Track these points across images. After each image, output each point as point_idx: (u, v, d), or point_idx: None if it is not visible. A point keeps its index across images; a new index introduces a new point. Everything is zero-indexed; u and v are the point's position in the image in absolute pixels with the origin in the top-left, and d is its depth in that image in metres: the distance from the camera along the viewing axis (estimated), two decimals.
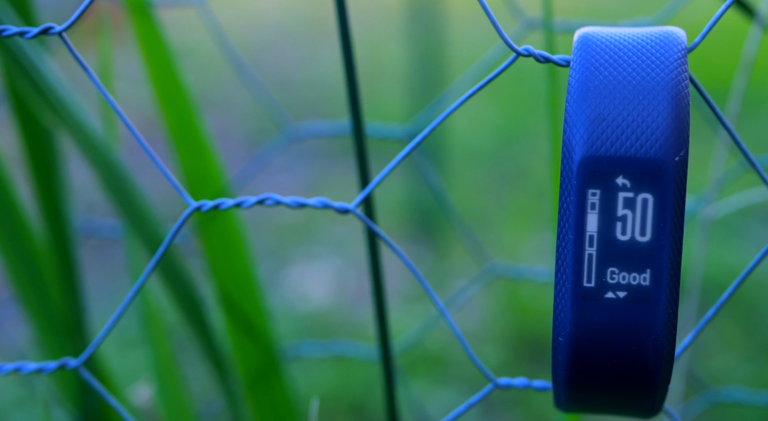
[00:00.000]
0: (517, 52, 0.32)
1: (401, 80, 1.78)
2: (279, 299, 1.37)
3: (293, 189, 1.64)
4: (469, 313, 1.31)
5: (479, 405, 1.13)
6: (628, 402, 0.31)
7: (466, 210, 1.56)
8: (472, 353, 0.34)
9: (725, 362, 1.19)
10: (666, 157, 0.29)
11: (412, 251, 1.45)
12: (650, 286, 0.30)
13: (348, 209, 0.33)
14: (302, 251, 1.49)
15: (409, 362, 1.20)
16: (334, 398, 1.15)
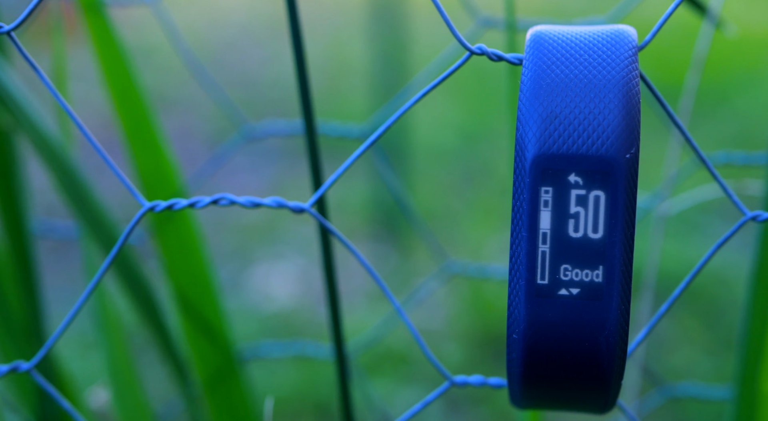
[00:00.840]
0: (470, 51, 0.32)
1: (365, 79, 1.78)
2: (243, 299, 1.36)
3: (257, 189, 1.64)
4: (433, 311, 1.31)
5: (444, 403, 1.14)
6: (583, 398, 0.31)
7: (430, 209, 1.56)
8: (429, 351, 0.34)
9: (686, 357, 1.20)
10: (617, 155, 0.30)
11: (377, 250, 1.45)
12: (603, 282, 0.30)
13: (303, 209, 0.33)
14: (266, 250, 1.48)
15: (374, 361, 1.20)
16: (300, 398, 1.15)
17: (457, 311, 1.31)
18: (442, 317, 1.31)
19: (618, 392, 0.31)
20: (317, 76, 2.14)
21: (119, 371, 0.43)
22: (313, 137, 0.37)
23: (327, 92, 2.04)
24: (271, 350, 0.58)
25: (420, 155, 1.68)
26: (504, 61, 0.32)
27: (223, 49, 2.31)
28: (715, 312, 1.29)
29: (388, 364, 1.21)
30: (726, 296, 1.31)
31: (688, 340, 1.24)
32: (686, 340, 1.24)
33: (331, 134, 0.50)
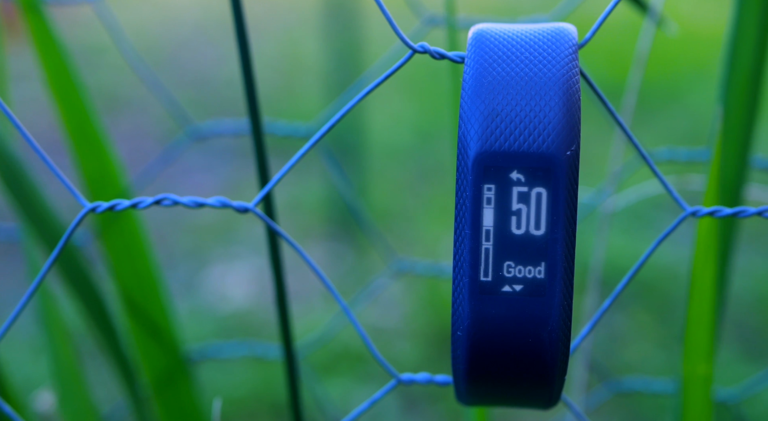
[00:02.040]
0: (412, 49, 0.32)
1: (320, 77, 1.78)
2: (199, 299, 1.35)
3: (212, 188, 1.63)
4: (389, 309, 1.32)
5: (401, 401, 1.14)
6: (527, 394, 0.32)
7: (386, 207, 1.56)
8: (375, 349, 0.34)
9: (640, 351, 1.21)
10: (558, 152, 0.30)
11: (333, 249, 1.45)
12: (545, 278, 0.30)
13: (247, 208, 0.33)
14: (222, 251, 1.47)
15: (331, 360, 1.20)
16: (256, 398, 1.14)
17: (414, 309, 1.32)
18: (398, 316, 1.31)
19: (562, 387, 0.31)
20: (272, 75, 2.13)
21: (65, 374, 0.42)
22: (260, 137, 0.37)
23: (282, 91, 2.03)
24: (223, 351, 0.57)
25: (375, 154, 1.68)
26: (446, 59, 0.32)
27: (177, 49, 2.29)
28: (668, 307, 1.30)
29: (345, 363, 1.21)
30: (679, 291, 1.33)
31: (642, 334, 1.25)
32: (640, 334, 1.25)
33: (278, 133, 0.50)
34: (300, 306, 1.30)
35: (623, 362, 1.19)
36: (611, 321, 1.28)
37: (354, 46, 1.51)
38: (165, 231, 1.51)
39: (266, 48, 2.30)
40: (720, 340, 1.19)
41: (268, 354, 0.59)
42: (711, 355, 0.35)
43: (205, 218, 1.53)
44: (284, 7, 2.56)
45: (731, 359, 1.16)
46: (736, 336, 1.23)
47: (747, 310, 1.28)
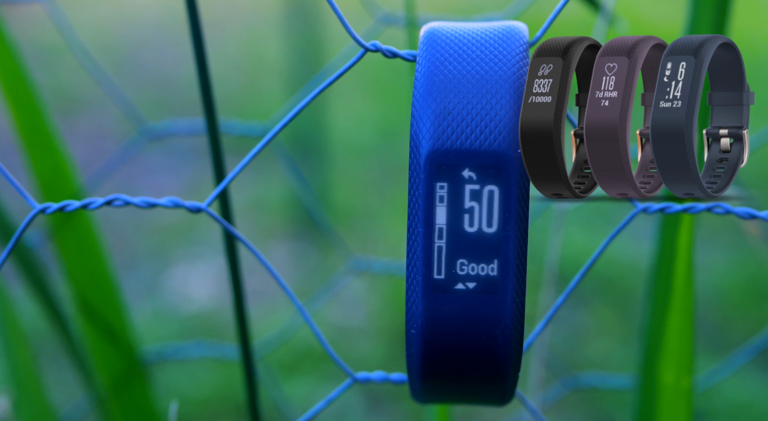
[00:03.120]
0: (364, 48, 0.32)
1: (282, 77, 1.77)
2: (162, 300, 1.35)
3: (174, 189, 1.62)
4: (353, 308, 1.32)
5: (366, 399, 1.14)
6: (481, 391, 0.32)
7: (349, 206, 1.56)
8: (330, 348, 0.34)
9: (602, 347, 1.22)
10: (509, 150, 0.30)
11: (296, 249, 1.44)
12: (498, 276, 0.30)
13: (200, 208, 0.33)
14: (185, 251, 1.47)
15: (295, 360, 1.20)
16: (220, 399, 1.14)
17: (378, 307, 1.32)
18: (362, 314, 1.31)
19: (515, 384, 0.32)
20: (234, 74, 2.12)
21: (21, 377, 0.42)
22: (216, 137, 0.37)
23: (244, 90, 2.02)
24: (181, 352, 0.57)
25: (339, 153, 1.68)
26: (399, 57, 0.32)
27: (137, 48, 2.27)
28: (631, 302, 1.32)
29: (309, 362, 1.20)
30: (641, 287, 1.34)
31: (604, 330, 1.26)
32: (602, 330, 1.26)
33: (234, 133, 0.50)
34: (264, 305, 1.30)
35: (585, 358, 1.20)
36: (574, 318, 1.29)
37: (316, 44, 1.50)
38: (126, 232, 1.50)
39: (228, 47, 2.29)
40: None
41: (228, 355, 0.59)
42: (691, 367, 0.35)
43: (168, 218, 1.52)
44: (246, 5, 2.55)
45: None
46: (697, 331, 1.24)
47: (708, 305, 1.30)
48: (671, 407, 0.35)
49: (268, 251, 1.45)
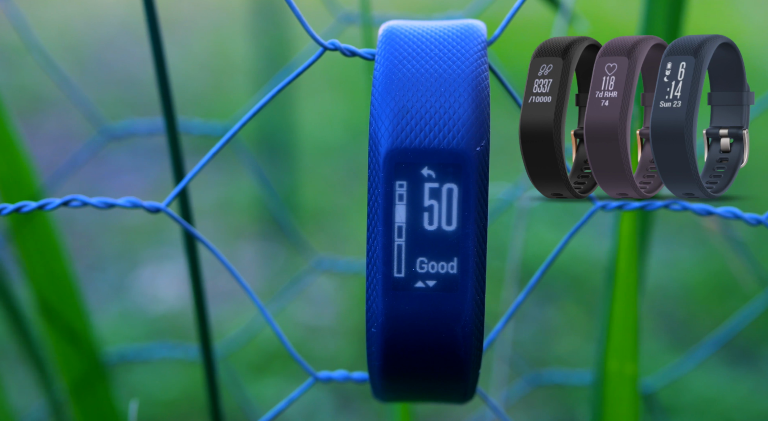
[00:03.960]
0: (323, 46, 0.32)
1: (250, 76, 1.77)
2: (130, 301, 1.34)
3: (142, 189, 1.61)
4: (323, 308, 1.31)
5: (336, 399, 1.14)
6: (442, 389, 0.32)
7: (318, 205, 1.56)
8: (292, 348, 0.34)
9: (571, 344, 1.23)
10: (468, 148, 0.30)
11: (265, 249, 1.44)
12: (457, 274, 0.30)
13: (159, 208, 0.33)
14: (153, 252, 1.46)
15: (264, 360, 1.20)
16: (188, 400, 1.13)
17: (347, 306, 1.32)
18: (332, 314, 1.31)
19: (476, 382, 0.32)
20: (201, 74, 2.11)
21: None
22: (175, 136, 0.37)
23: (211, 89, 2.01)
24: (144, 353, 0.57)
25: (307, 152, 1.68)
26: (358, 56, 0.32)
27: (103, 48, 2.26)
28: (599, 299, 1.32)
29: (279, 362, 1.20)
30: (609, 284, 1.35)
31: (572, 327, 1.27)
32: (570, 327, 1.27)
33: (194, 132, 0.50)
34: (235, 305, 1.29)
35: (554, 355, 1.20)
36: (542, 315, 1.30)
37: (283, 43, 1.50)
38: (93, 232, 1.49)
39: (195, 46, 2.28)
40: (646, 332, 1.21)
41: (193, 355, 0.59)
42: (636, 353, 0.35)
43: (134, 219, 1.51)
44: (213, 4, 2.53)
45: (658, 350, 1.18)
46: (662, 327, 1.25)
47: (673, 301, 1.31)
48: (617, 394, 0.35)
49: (237, 251, 1.44)
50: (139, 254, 1.44)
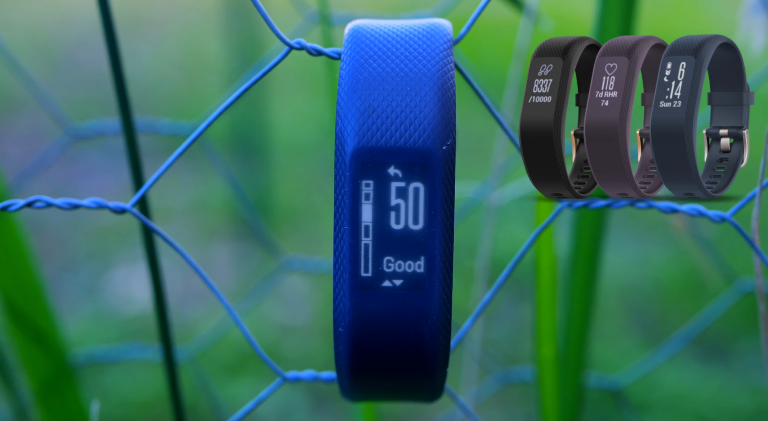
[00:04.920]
0: (289, 46, 0.32)
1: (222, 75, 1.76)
2: (103, 303, 1.33)
3: (115, 190, 1.60)
4: (298, 307, 1.31)
5: (310, 399, 1.14)
6: (410, 387, 0.32)
7: (292, 205, 1.56)
8: (260, 349, 0.34)
9: None
10: (434, 147, 0.30)
11: (239, 249, 1.43)
12: (424, 273, 0.30)
13: (125, 209, 0.32)
14: (126, 253, 1.45)
15: (238, 360, 1.19)
16: (161, 402, 1.13)
17: (322, 306, 1.32)
18: (306, 313, 1.31)
19: (444, 380, 0.32)
20: (173, 74, 2.10)
21: None
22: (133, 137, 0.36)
23: (184, 89, 2.00)
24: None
25: (281, 152, 1.68)
26: (324, 55, 0.32)
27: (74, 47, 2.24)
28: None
29: (253, 362, 1.20)
30: None
31: None
32: None
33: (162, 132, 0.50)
34: (208, 305, 1.29)
35: (528, 353, 1.21)
36: (516, 312, 1.30)
37: (256, 43, 1.50)
38: (65, 234, 1.48)
39: (167, 45, 2.27)
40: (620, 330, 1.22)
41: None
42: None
43: (107, 220, 1.50)
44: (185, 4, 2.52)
45: (632, 347, 1.19)
46: (636, 325, 1.26)
47: (646, 299, 1.31)
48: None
49: (210, 251, 1.44)
50: (112, 256, 1.43)
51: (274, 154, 1.60)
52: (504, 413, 1.08)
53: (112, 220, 1.49)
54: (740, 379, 1.12)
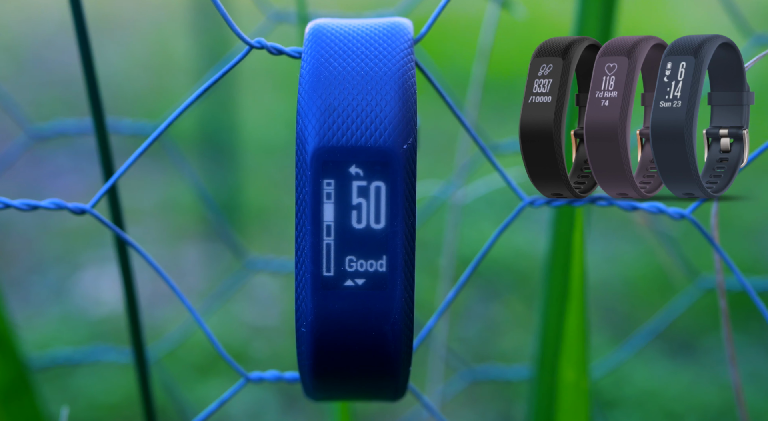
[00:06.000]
0: (249, 45, 0.32)
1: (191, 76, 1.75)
2: (71, 304, 1.32)
3: (82, 191, 1.59)
4: (268, 308, 1.31)
5: (282, 399, 1.13)
6: (373, 386, 0.32)
7: (262, 205, 1.55)
8: (223, 350, 0.34)
9: (515, 340, 1.24)
10: (395, 146, 0.30)
11: (209, 250, 1.43)
12: (386, 272, 0.30)
13: (84, 209, 0.32)
14: (94, 254, 1.44)
15: (208, 361, 1.19)
16: (131, 404, 1.12)
17: (292, 306, 1.31)
18: (277, 313, 1.31)
19: (407, 379, 0.32)
20: (142, 74, 2.08)
21: None
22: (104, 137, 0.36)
23: (153, 90, 1.99)
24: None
25: (251, 152, 1.67)
26: (284, 54, 0.32)
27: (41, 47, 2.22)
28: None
29: (223, 363, 1.19)
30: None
31: (518, 323, 1.28)
32: (516, 323, 1.28)
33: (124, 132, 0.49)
34: (176, 307, 1.28)
35: (499, 351, 1.21)
36: (487, 311, 1.31)
37: (224, 42, 1.49)
38: (32, 235, 1.47)
39: (136, 46, 2.25)
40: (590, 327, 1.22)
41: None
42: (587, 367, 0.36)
43: (76, 220, 1.49)
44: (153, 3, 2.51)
45: (602, 344, 1.20)
46: (606, 322, 1.26)
47: (616, 296, 1.32)
48: (573, 407, 0.36)
49: (180, 252, 1.43)
50: (81, 257, 1.42)
51: (243, 154, 1.59)
52: (475, 411, 1.08)
53: (81, 221, 1.48)
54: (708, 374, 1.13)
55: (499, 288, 1.33)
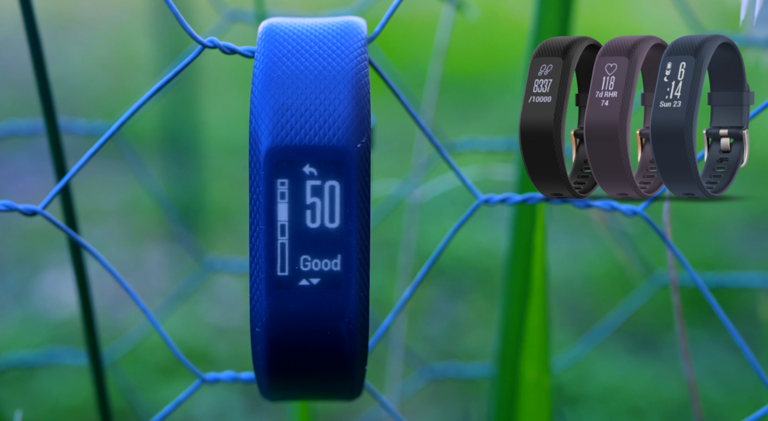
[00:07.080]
0: (201, 44, 0.32)
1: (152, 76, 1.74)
2: (32, 307, 1.31)
3: (42, 192, 1.57)
4: (232, 308, 1.30)
5: (246, 400, 1.13)
6: (329, 386, 0.32)
7: (226, 205, 1.55)
8: (179, 352, 0.34)
9: (480, 338, 1.24)
10: (348, 145, 0.30)
11: (172, 251, 1.42)
12: (341, 271, 0.30)
13: (35, 211, 0.32)
14: (56, 256, 1.43)
15: (172, 362, 1.18)
16: (93, 407, 1.11)
17: None
18: (241, 314, 1.30)
19: (363, 378, 0.32)
20: (103, 74, 2.07)
21: None
22: (57, 137, 0.36)
23: (114, 90, 1.98)
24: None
25: (214, 152, 1.66)
26: (237, 54, 0.31)
27: None
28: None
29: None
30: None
31: (481, 321, 1.28)
32: (479, 321, 1.28)
33: (78, 132, 0.49)
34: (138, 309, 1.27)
35: (463, 349, 1.21)
36: (452, 309, 1.31)
37: (186, 42, 1.48)
38: None
39: (96, 45, 2.23)
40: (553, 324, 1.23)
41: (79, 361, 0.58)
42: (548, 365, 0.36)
43: (36, 223, 1.47)
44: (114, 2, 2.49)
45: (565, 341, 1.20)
46: (569, 319, 1.27)
47: (578, 293, 1.33)
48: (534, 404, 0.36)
49: (144, 252, 1.42)
50: (42, 259, 1.41)
51: (206, 154, 1.58)
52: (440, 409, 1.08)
53: (42, 223, 1.47)
54: (670, 370, 1.14)
55: (463, 286, 1.34)
